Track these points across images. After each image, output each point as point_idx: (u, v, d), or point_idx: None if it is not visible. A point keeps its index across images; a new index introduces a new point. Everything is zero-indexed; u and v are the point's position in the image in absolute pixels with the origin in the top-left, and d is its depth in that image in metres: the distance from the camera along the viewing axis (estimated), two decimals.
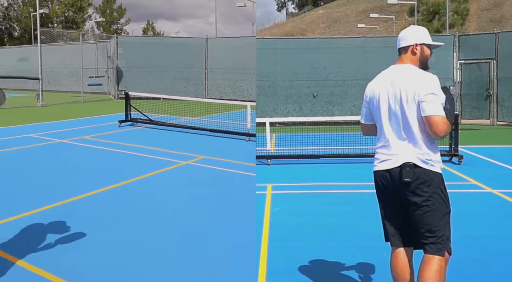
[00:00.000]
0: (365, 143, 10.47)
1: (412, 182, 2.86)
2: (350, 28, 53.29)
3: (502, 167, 8.73)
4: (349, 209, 5.95)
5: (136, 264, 4.02)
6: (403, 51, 3.09)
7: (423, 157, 2.87)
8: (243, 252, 4.28)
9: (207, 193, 6.35)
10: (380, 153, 3.06)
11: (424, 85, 2.85)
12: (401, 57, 3.11)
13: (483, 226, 5.20)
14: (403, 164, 2.89)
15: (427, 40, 3.07)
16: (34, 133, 11.37)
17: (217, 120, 13.60)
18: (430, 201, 2.87)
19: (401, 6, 50.45)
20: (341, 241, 4.78)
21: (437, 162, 2.92)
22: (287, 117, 15.69)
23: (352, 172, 8.46)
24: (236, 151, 9.55)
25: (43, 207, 5.59)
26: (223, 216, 5.39)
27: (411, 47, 3.06)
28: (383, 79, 3.08)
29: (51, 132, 11.68)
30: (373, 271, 3.99)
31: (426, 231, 2.89)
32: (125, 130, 12.36)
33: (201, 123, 12.44)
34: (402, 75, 2.97)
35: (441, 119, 2.78)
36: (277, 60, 16.90)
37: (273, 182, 7.48)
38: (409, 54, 3.06)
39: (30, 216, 5.25)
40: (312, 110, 16.86)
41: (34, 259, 4.02)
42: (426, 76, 2.91)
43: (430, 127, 2.80)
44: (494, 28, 26.30)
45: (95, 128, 12.60)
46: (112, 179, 6.95)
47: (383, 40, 18.03)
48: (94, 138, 10.74)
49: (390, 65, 3.19)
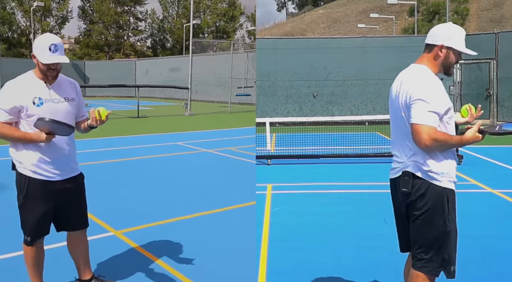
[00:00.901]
0: (365, 143, 10.49)
1: (410, 193, 2.66)
2: (350, 28, 53.28)
3: (502, 167, 8.74)
4: (349, 209, 5.95)
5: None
6: (427, 49, 2.72)
7: (423, 167, 2.63)
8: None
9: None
10: (392, 161, 2.90)
11: (415, 88, 2.57)
12: (422, 55, 2.75)
13: (483, 226, 5.20)
14: (403, 172, 2.71)
15: (456, 45, 2.66)
16: (182, 142, 11.34)
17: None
18: (425, 216, 2.64)
19: (401, 6, 50.43)
20: (341, 241, 4.78)
21: (442, 174, 2.63)
22: (287, 117, 15.70)
23: (352, 172, 8.45)
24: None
25: (193, 214, 5.47)
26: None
27: (436, 47, 2.67)
28: (397, 79, 2.81)
29: (198, 142, 11.44)
30: (373, 271, 3.99)
31: (417, 245, 2.71)
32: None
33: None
34: (408, 76, 2.70)
35: (425, 129, 2.49)
36: (277, 60, 16.91)
37: (273, 182, 7.48)
38: (431, 54, 2.69)
39: (176, 222, 5.20)
40: (312, 110, 16.87)
41: (172, 261, 4.07)
42: (422, 79, 2.61)
43: (412, 137, 2.56)
44: (494, 28, 26.31)
45: (242, 140, 11.88)
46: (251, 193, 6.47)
47: (383, 40, 18.05)
48: (240, 150, 10.28)
49: (390, 65, 3.15)
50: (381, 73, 16.48)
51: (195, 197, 6.19)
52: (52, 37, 3.02)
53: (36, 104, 2.99)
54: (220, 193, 6.40)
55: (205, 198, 6.11)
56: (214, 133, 13.66)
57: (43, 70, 3.02)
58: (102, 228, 4.85)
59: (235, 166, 8.58)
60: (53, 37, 3.04)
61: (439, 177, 2.63)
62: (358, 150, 9.64)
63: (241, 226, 5.03)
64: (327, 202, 6.34)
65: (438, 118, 2.55)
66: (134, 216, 5.31)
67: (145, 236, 4.64)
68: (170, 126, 15.68)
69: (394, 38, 20.74)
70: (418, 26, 43.31)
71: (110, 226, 4.91)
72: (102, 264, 3.94)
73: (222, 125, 15.89)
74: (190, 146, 10.74)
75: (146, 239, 4.54)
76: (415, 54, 13.11)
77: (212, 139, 12.04)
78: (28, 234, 3.15)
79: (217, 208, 5.65)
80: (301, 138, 10.86)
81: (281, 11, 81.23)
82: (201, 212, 5.49)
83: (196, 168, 8.29)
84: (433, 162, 2.62)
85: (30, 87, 3.02)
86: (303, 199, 6.53)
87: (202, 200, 6.04)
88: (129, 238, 4.58)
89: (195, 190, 6.58)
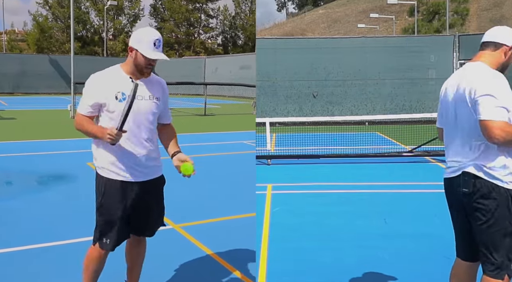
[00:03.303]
0: (365, 143, 10.49)
1: (471, 193, 2.60)
2: (350, 28, 53.29)
3: None
4: (349, 209, 5.95)
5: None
6: (487, 47, 2.70)
7: (485, 168, 2.58)
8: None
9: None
10: (447, 160, 2.82)
11: (481, 84, 2.53)
12: (478, 53, 2.73)
13: None
14: (463, 172, 2.64)
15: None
16: (247, 141, 11.28)
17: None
18: (489, 218, 2.58)
19: (401, 6, 50.45)
20: (341, 241, 4.78)
21: (506, 175, 2.57)
22: (287, 117, 15.68)
23: (352, 172, 8.45)
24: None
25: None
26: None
27: (504, 47, 2.67)
28: (452, 80, 2.77)
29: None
30: (373, 271, 3.99)
31: (485, 249, 2.64)
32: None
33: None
34: (471, 73, 2.65)
35: (496, 124, 2.43)
36: (277, 60, 16.90)
37: (273, 182, 7.48)
38: (494, 53, 2.68)
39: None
40: (312, 110, 16.86)
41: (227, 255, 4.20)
42: (488, 75, 2.58)
43: (483, 133, 2.49)
44: None
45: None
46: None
47: (383, 40, 18.04)
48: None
49: (390, 65, 3.12)
50: (381, 73, 16.47)
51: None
52: (155, 32, 2.89)
53: (118, 99, 2.82)
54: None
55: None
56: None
57: (140, 65, 2.86)
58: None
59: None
60: (156, 32, 2.90)
61: (503, 177, 2.57)
62: (358, 150, 9.64)
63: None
64: (327, 202, 6.34)
65: (507, 113, 2.48)
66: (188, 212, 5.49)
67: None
68: (236, 125, 15.56)
69: (394, 38, 20.74)
70: (418, 26, 43.33)
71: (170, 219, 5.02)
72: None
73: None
74: (254, 144, 10.66)
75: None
76: (415, 54, 13.23)
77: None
78: (107, 237, 2.93)
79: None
80: (301, 138, 10.85)
81: (281, 11, 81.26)
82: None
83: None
84: (496, 162, 2.57)
85: (115, 81, 2.86)
86: (303, 199, 6.53)
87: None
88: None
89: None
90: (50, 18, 55.53)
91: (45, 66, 35.29)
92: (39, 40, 53.48)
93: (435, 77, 16.44)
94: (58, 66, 35.34)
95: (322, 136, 10.84)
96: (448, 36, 17.86)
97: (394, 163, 8.93)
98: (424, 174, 8.17)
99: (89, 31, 57.51)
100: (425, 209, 5.80)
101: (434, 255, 4.25)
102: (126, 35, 59.21)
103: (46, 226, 4.96)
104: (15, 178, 7.27)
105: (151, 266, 3.66)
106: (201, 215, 5.40)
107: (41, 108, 21.93)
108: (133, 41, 2.86)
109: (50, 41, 54.46)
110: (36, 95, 32.79)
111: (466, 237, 2.77)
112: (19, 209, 5.57)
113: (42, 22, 54.23)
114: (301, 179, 7.80)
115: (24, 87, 34.27)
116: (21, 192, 6.45)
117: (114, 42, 58.42)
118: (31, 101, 26.49)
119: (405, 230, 5.07)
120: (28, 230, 4.82)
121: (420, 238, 4.71)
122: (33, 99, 28.55)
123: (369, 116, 15.25)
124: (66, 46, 51.44)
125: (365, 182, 7.48)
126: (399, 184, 7.45)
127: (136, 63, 2.87)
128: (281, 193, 6.86)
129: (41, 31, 53.70)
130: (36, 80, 34.48)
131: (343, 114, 16.40)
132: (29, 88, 34.22)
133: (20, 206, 5.73)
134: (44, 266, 3.95)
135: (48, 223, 5.05)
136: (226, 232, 4.87)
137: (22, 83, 34.22)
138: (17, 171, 7.66)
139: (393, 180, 7.76)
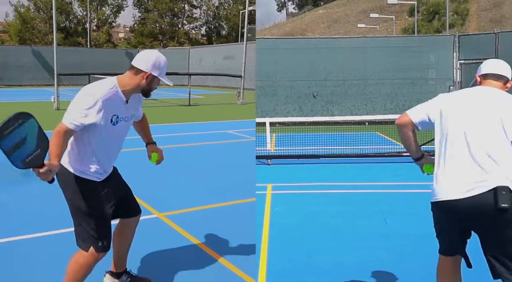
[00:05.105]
0: (365, 143, 10.49)
1: (508, 209, 2.56)
2: (350, 28, 53.27)
3: None
4: (349, 209, 5.95)
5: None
6: (498, 79, 2.88)
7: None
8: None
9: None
10: (453, 181, 2.79)
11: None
12: (489, 81, 2.89)
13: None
14: (499, 187, 2.59)
15: None
16: (232, 130, 11.50)
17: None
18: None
19: (401, 6, 50.43)
20: (341, 241, 4.78)
21: None
22: (287, 117, 15.68)
23: (352, 172, 8.45)
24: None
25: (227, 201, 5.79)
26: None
27: (510, 82, 2.92)
28: (469, 97, 2.84)
29: (248, 130, 11.52)
30: (373, 271, 3.99)
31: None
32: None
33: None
34: (494, 96, 2.80)
35: None
36: (277, 60, 16.89)
37: (273, 182, 7.48)
38: (503, 86, 2.88)
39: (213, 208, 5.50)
40: (312, 110, 16.86)
41: (213, 244, 4.37)
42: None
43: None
44: (494, 28, 26.29)
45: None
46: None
47: (383, 40, 18.02)
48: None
49: (390, 65, 3.12)
50: (381, 73, 16.47)
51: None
52: (164, 58, 2.96)
53: (112, 122, 2.86)
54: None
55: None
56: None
57: (152, 89, 2.96)
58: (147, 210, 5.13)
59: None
60: (163, 57, 2.96)
61: None
62: (358, 150, 9.64)
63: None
64: (327, 202, 6.34)
65: None
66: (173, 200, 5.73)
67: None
68: (220, 114, 15.74)
69: (394, 38, 20.73)
70: (418, 26, 43.32)
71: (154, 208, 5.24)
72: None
73: None
74: (240, 134, 10.79)
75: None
76: (415, 54, 13.25)
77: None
78: (102, 238, 2.94)
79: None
80: (301, 138, 10.85)
81: (281, 11, 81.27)
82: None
83: (240, 156, 8.48)
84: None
85: (113, 104, 2.84)
86: (303, 199, 6.53)
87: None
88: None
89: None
90: (32, 9, 54.38)
91: (28, 57, 34.81)
92: (21, 31, 52.33)
93: (435, 77, 16.44)
94: (41, 58, 34.88)
95: (322, 137, 10.84)
96: (448, 36, 17.84)
97: (394, 163, 8.93)
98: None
99: (72, 22, 56.82)
100: (425, 209, 5.75)
101: (434, 255, 4.23)
102: (109, 25, 58.69)
103: (32, 217, 5.10)
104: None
105: (137, 254, 3.82)
106: (187, 204, 5.60)
107: (24, 100, 21.80)
108: (151, 67, 2.87)
109: (33, 32, 53.34)
110: (19, 87, 32.48)
111: (465, 241, 2.89)
112: (4, 202, 5.65)
113: (24, 13, 52.99)
114: (301, 179, 7.80)
115: (7, 79, 33.72)
116: (4, 184, 6.39)
117: (98, 33, 57.78)
118: (14, 93, 26.27)
119: (405, 230, 5.07)
120: (15, 222, 4.91)
121: (420, 238, 4.69)
122: (16, 91, 28.33)
123: (369, 116, 15.25)
124: (49, 37, 50.67)
125: (365, 182, 7.48)
126: (399, 184, 7.45)
127: (149, 87, 2.93)
128: (281, 193, 6.86)
129: (23, 22, 52.55)
130: (19, 72, 34.10)
131: (343, 114, 16.39)
132: (12, 80, 33.73)
133: (5, 198, 5.79)
134: (32, 256, 3.97)
135: (35, 214, 5.18)
136: (220, 222, 5.06)
137: (5, 75, 33.67)
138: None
139: (393, 180, 7.76)
